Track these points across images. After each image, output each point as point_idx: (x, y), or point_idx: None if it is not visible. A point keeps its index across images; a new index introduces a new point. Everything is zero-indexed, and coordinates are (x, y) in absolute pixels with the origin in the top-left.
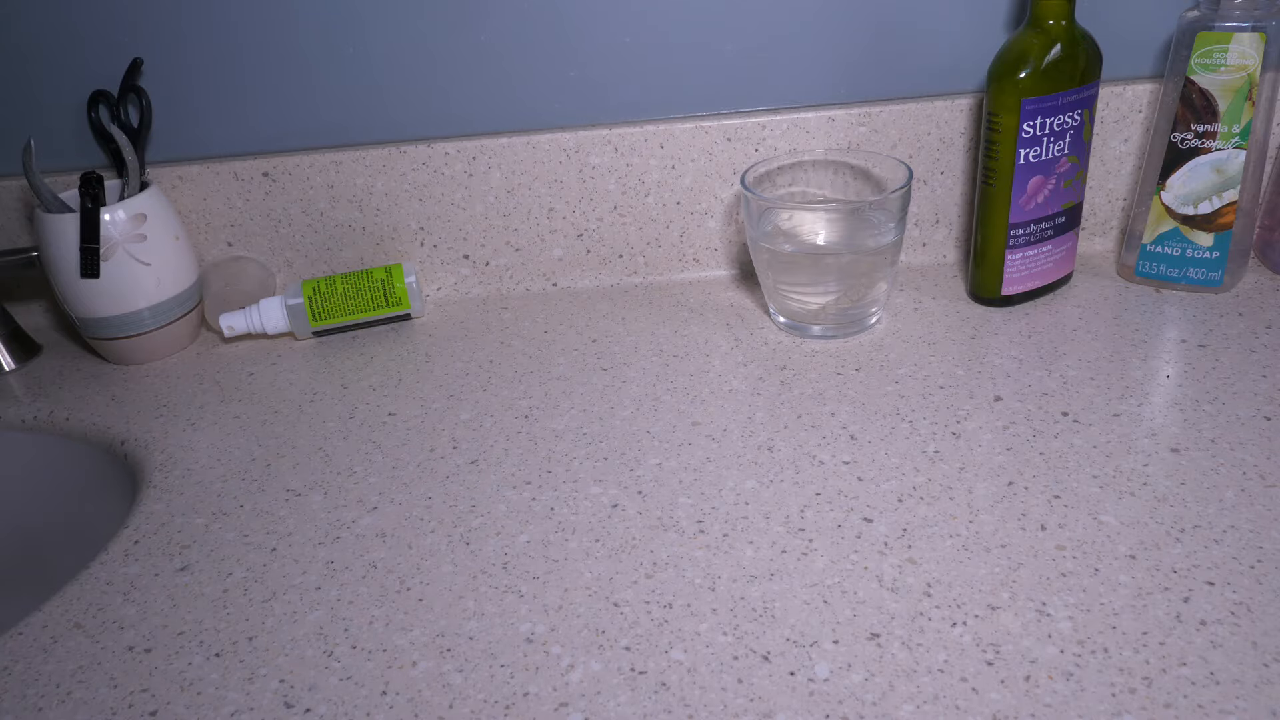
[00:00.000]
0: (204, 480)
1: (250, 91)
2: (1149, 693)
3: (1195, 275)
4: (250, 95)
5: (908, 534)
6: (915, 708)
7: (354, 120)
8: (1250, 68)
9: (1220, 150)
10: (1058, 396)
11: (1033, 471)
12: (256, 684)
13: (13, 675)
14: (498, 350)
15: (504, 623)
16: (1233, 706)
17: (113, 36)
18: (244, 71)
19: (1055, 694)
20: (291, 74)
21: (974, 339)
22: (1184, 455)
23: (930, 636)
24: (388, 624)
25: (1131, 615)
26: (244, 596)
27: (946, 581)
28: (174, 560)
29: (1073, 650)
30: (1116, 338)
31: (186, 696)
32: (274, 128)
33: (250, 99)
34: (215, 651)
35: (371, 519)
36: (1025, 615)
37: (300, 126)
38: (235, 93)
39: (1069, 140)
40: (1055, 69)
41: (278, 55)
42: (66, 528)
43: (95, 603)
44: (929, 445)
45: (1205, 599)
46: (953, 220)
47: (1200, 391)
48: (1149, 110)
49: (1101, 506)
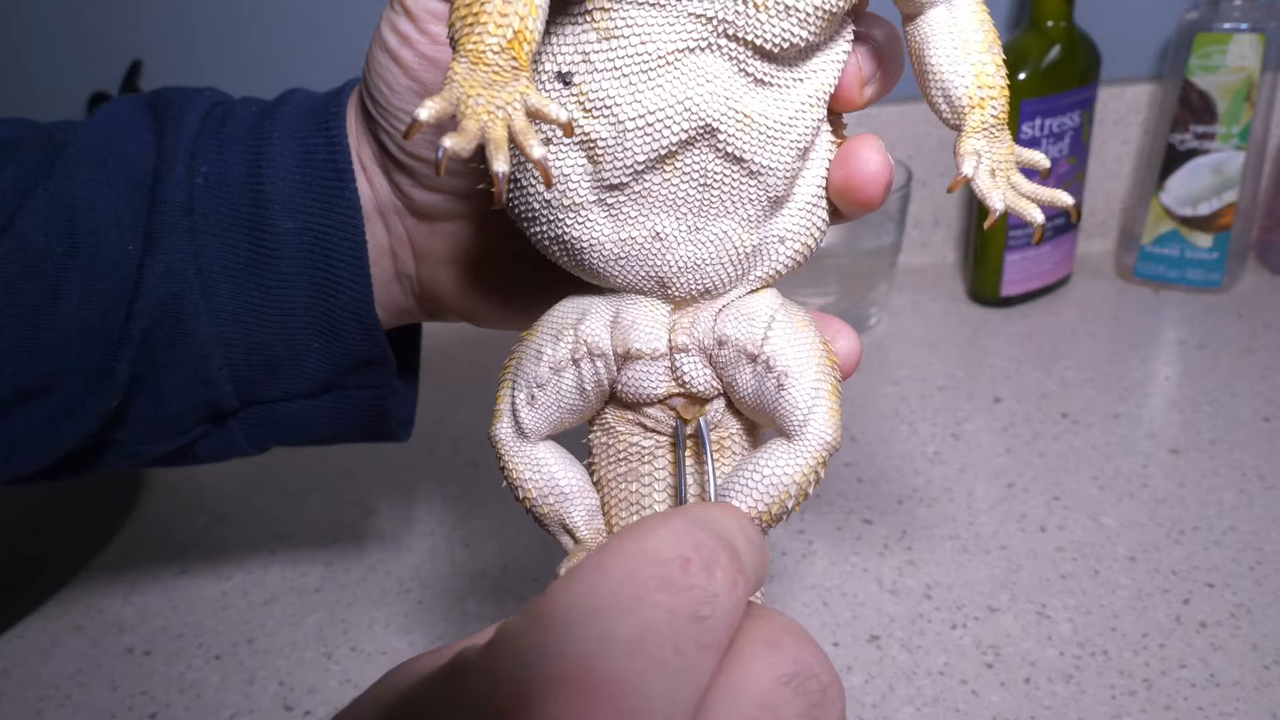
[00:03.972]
0: (203, 482)
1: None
2: (1149, 695)
3: (1194, 276)
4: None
5: (907, 535)
6: (915, 710)
7: None
8: (1249, 69)
9: (1219, 151)
10: (1057, 398)
11: (1032, 473)
12: (256, 686)
13: (12, 678)
14: (497, 352)
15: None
16: (1233, 709)
17: (112, 38)
18: (244, 73)
19: (1055, 696)
20: (292, 76)
21: (973, 340)
22: (1183, 456)
23: (930, 638)
24: (387, 626)
25: (1131, 617)
26: (244, 599)
27: (946, 583)
28: (173, 562)
29: (1072, 652)
30: (1115, 339)
31: (186, 699)
32: None
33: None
34: (215, 654)
35: (371, 521)
36: (1025, 617)
37: None
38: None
39: (1068, 141)
40: (1054, 70)
41: (278, 57)
42: (66, 528)
43: (95, 605)
44: (929, 446)
45: (1205, 601)
46: (952, 221)
47: (1199, 393)
48: (1148, 111)
49: (1101, 508)
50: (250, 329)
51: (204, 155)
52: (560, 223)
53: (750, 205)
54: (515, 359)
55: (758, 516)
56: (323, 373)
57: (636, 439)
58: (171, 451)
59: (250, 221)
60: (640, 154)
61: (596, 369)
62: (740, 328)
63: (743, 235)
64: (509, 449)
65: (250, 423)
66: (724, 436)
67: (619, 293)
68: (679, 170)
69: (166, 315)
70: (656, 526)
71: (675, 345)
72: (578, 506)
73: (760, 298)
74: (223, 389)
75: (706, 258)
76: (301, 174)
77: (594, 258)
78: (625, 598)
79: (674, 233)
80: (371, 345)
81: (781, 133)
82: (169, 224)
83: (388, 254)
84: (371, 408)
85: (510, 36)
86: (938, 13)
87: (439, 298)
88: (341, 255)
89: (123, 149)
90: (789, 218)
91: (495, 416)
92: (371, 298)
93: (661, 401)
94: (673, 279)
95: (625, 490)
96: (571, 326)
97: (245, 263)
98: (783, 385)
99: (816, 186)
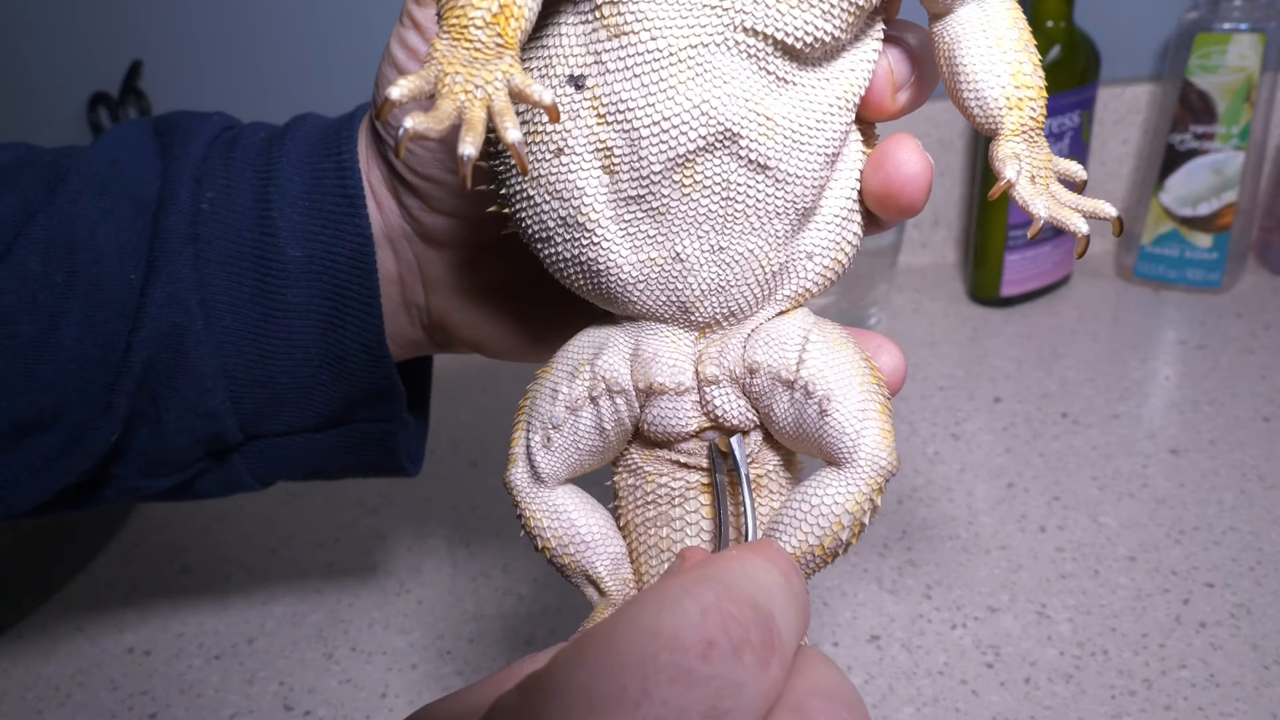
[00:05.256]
0: None
1: (250, 94)
2: (1149, 695)
3: (1194, 276)
4: (251, 98)
5: (907, 535)
6: (915, 710)
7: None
8: (1249, 69)
9: (1219, 152)
10: (1057, 398)
11: (1032, 473)
12: (256, 686)
13: (12, 678)
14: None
15: (504, 625)
16: (1233, 709)
17: (113, 39)
18: (244, 74)
19: (1055, 696)
20: (293, 78)
21: (973, 340)
22: (1183, 457)
23: (930, 638)
24: (387, 626)
25: (1131, 617)
26: (244, 599)
27: (946, 583)
28: (174, 562)
29: (1072, 652)
30: (1115, 339)
31: (186, 699)
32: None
33: (251, 101)
34: (215, 654)
35: (371, 521)
36: (1025, 617)
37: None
38: (235, 95)
39: (1068, 141)
40: (1054, 70)
41: (279, 58)
42: (66, 528)
43: (95, 605)
44: (929, 446)
45: (1205, 601)
46: (952, 221)
47: (1199, 393)
48: (1148, 111)
49: (1101, 508)
50: (254, 361)
51: (210, 181)
52: (576, 243)
53: (776, 219)
54: (530, 398)
55: (809, 551)
56: (330, 406)
57: (665, 480)
58: (171, 487)
59: (256, 250)
60: (656, 162)
61: (617, 407)
62: (772, 353)
63: (769, 253)
64: (525, 495)
65: (253, 456)
66: (761, 475)
67: (639, 322)
68: (699, 183)
69: (168, 347)
70: (680, 596)
71: (704, 377)
72: (601, 556)
73: (791, 319)
74: (225, 422)
75: (731, 279)
76: (310, 200)
77: (612, 281)
78: (631, 691)
79: (696, 253)
80: (381, 378)
81: (808, 137)
82: (171, 252)
83: (396, 282)
84: (379, 442)
85: (496, 11)
86: (969, 10)
87: (448, 328)
88: (351, 285)
89: (126, 174)
90: (817, 232)
91: (510, 461)
92: (382, 328)
93: (695, 436)
94: (696, 303)
95: (655, 536)
96: (588, 362)
97: (251, 292)
98: (826, 411)
99: (846, 198)
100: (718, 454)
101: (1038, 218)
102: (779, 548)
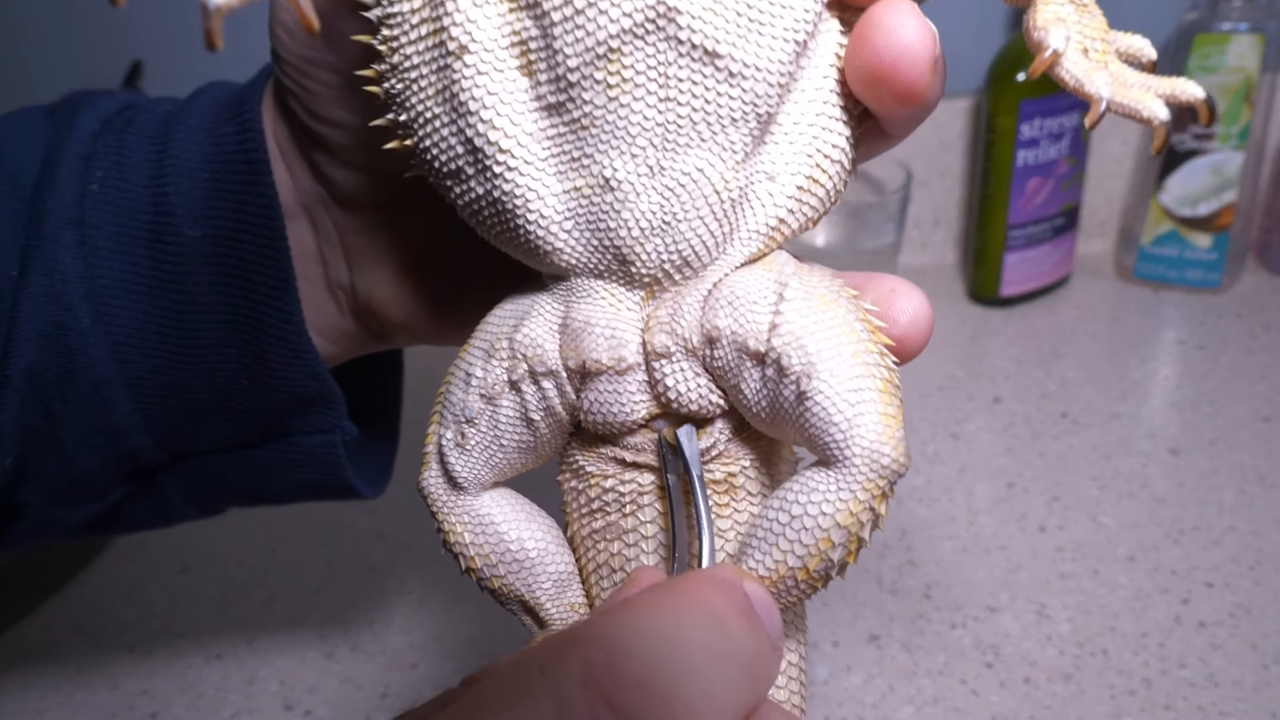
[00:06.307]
0: None
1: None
2: (1149, 694)
3: (1193, 276)
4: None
5: (907, 535)
6: (915, 710)
7: None
8: (1248, 69)
9: (1218, 152)
10: (1057, 398)
11: (1032, 473)
12: (256, 686)
13: (12, 677)
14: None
15: (505, 626)
16: (1232, 709)
17: (112, 38)
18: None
19: (1055, 696)
20: None
21: (973, 340)
22: (1183, 457)
23: (930, 638)
24: (387, 626)
25: (1131, 617)
26: (244, 598)
27: (946, 583)
28: (174, 562)
29: (1072, 652)
30: (1115, 339)
31: (187, 699)
32: None
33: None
34: (215, 654)
35: (371, 521)
36: (1025, 617)
37: None
38: None
39: (1068, 141)
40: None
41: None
42: None
43: (95, 604)
44: (928, 447)
45: (1205, 601)
46: (951, 221)
47: (1199, 393)
48: None
49: (1101, 508)
50: (160, 364)
51: (101, 159)
52: (487, 173)
53: (730, 127)
54: (445, 385)
55: (788, 576)
56: (256, 415)
57: (612, 483)
58: (95, 517)
59: (151, 233)
60: (573, 55)
61: (544, 392)
62: (737, 315)
63: (724, 173)
64: (441, 504)
65: (184, 479)
66: (732, 474)
67: (571, 281)
68: (628, 80)
69: (52, 350)
70: (534, 679)
71: (652, 350)
72: (539, 577)
73: (763, 268)
74: (137, 439)
75: (677, 210)
76: (210, 170)
77: (530, 223)
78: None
79: (629, 177)
80: (309, 378)
81: (768, 18)
82: (48, 237)
83: (316, 260)
84: (318, 457)
85: None
86: None
87: (377, 310)
88: (261, 265)
89: (10, 160)
90: (788, 144)
91: (423, 462)
92: (300, 316)
93: (644, 426)
94: (635, 247)
95: (605, 552)
96: (507, 337)
97: (149, 284)
98: (805, 392)
99: (823, 101)
100: (668, 449)
101: (1097, 100)
102: (728, 580)
